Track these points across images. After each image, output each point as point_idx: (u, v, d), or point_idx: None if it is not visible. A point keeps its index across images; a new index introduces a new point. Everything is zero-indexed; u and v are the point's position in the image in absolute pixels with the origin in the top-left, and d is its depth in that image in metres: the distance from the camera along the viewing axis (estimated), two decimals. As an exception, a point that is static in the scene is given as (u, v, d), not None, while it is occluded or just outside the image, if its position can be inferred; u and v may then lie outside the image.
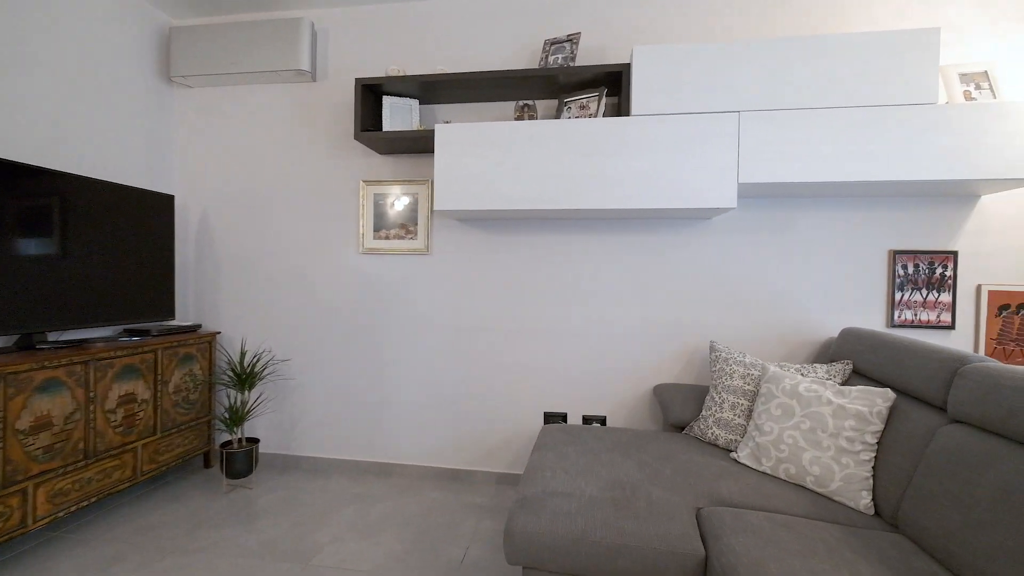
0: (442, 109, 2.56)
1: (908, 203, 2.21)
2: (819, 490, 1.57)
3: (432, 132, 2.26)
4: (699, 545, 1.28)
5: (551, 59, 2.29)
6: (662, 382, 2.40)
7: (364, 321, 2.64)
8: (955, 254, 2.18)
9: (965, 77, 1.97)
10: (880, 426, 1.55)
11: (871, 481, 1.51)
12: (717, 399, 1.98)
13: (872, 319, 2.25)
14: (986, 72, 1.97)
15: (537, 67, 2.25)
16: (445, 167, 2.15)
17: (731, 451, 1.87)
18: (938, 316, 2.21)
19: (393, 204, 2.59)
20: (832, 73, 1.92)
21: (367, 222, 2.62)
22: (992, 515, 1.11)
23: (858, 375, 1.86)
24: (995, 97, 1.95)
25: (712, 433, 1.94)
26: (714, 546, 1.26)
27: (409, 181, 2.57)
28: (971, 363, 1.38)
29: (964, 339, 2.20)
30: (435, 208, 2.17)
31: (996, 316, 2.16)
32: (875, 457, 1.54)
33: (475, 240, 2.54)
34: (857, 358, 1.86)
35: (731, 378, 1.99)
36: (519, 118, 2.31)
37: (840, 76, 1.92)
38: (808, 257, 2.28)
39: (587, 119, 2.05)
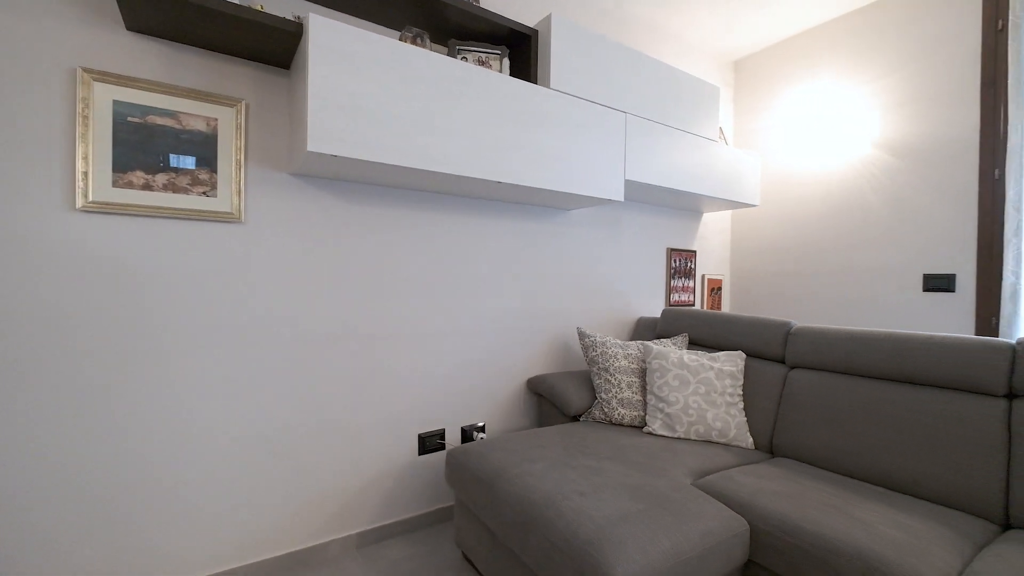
0: (269, -3, 1.63)
1: (676, 213, 2.95)
2: (722, 440, 1.90)
3: (284, 24, 1.40)
4: (742, 518, 1.33)
5: (444, -10, 1.82)
6: (533, 375, 2.33)
7: (89, 340, 1.38)
8: (695, 252, 3.07)
9: (720, 132, 2.80)
10: (742, 380, 2.02)
11: (747, 424, 1.95)
12: (613, 381, 2.08)
13: (660, 301, 2.89)
14: (721, 128, 2.86)
15: (429, -8, 1.74)
16: (329, 90, 1.38)
17: (639, 426, 2.01)
18: (688, 297, 3.05)
19: (165, 129, 1.46)
20: (675, 98, 2.34)
21: (98, 153, 1.37)
22: (855, 425, 1.64)
23: (693, 343, 2.36)
24: (728, 145, 2.86)
25: (618, 414, 2.03)
26: (750, 514, 1.34)
27: (203, 95, 1.51)
28: (794, 327, 1.99)
29: (696, 313, 3.12)
30: (311, 148, 1.36)
31: (710, 295, 3.18)
32: (743, 400, 2.00)
33: (322, 208, 1.75)
34: (692, 331, 2.35)
35: (616, 359, 2.13)
36: (408, 51, 1.73)
37: (674, 101, 2.36)
38: (627, 251, 2.71)
39: (521, 81, 1.75)
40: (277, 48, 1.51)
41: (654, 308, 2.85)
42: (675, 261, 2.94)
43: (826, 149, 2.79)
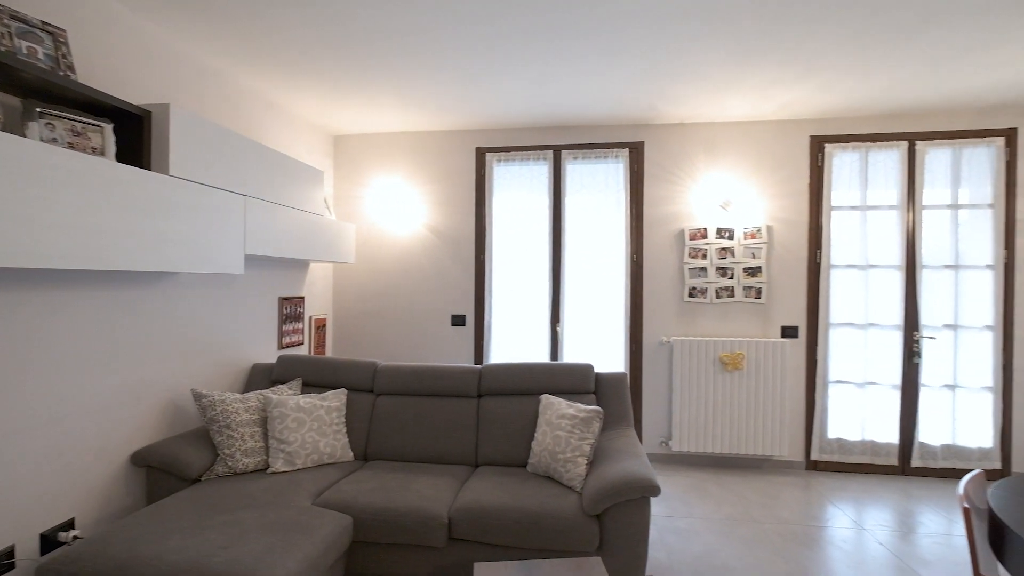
0: None
1: (287, 265, 3.35)
2: (332, 461, 2.51)
3: None
4: (348, 516, 1.97)
5: (18, 42, 1.58)
6: (139, 447, 2.23)
7: None
8: (303, 298, 3.56)
9: (324, 201, 3.37)
10: (346, 411, 2.70)
11: (349, 443, 2.64)
12: (236, 435, 2.33)
13: (273, 345, 3.21)
14: (326, 199, 3.46)
15: (-3, 45, 1.49)
16: None
17: (263, 469, 2.34)
18: (298, 337, 3.51)
19: None
20: (289, 181, 2.76)
21: None
22: (415, 428, 2.62)
23: (307, 385, 2.85)
24: (331, 215, 3.48)
25: (242, 464, 2.30)
26: (353, 510, 2.01)
27: None
28: (379, 365, 2.84)
29: (305, 349, 3.62)
30: None
31: (316, 332, 3.74)
32: (346, 426, 2.67)
33: None
34: (305, 375, 2.84)
35: (238, 415, 2.39)
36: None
37: (288, 184, 2.79)
38: (241, 304, 2.91)
39: (135, 168, 1.75)
40: None
41: (268, 352, 3.16)
42: (286, 308, 3.35)
43: (400, 223, 3.90)
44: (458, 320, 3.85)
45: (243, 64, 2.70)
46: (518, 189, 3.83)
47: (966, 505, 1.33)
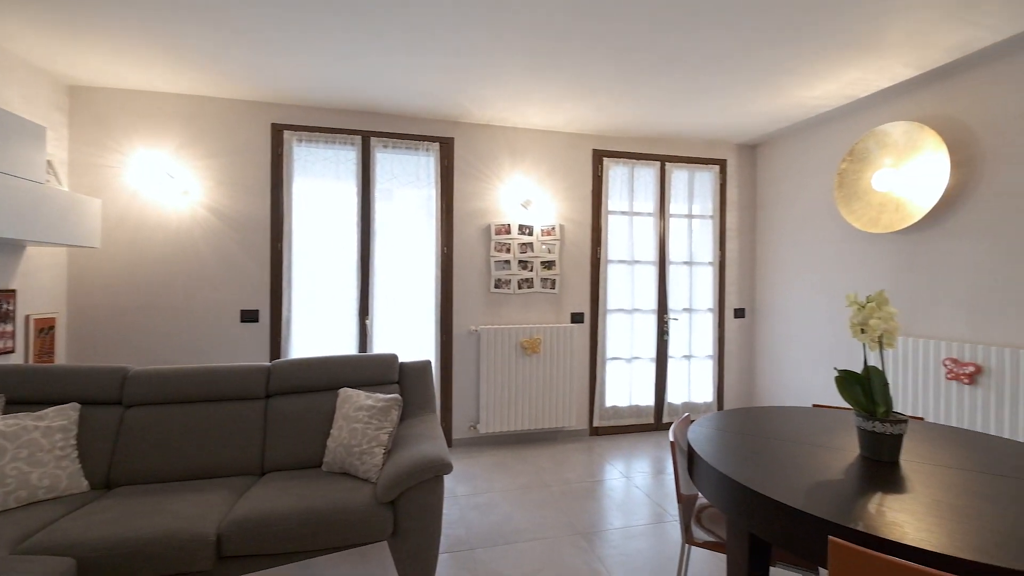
0: None
1: (-17, 248, 2.49)
2: (52, 495, 1.95)
3: None
4: (69, 558, 1.56)
5: None
6: None
7: None
8: (14, 292, 2.70)
9: (48, 165, 2.59)
10: (76, 430, 2.13)
11: (82, 469, 2.09)
12: None
13: (-43, 355, 2.36)
14: (50, 161, 2.68)
15: None
16: None
17: (-74, 522, 1.70)
18: (6, 344, 2.64)
19: None
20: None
21: None
22: (182, 441, 2.22)
23: (15, 403, 2.16)
24: (61, 184, 2.70)
25: None
26: (79, 551, 1.60)
27: None
28: (131, 371, 2.32)
29: (20, 358, 2.76)
30: None
31: (38, 337, 2.88)
32: (78, 449, 2.11)
33: None
34: (11, 391, 2.15)
35: None
36: None
37: (-22, 137, 2.08)
38: None
39: None
40: None
41: (-53, 364, 2.31)
42: (-17, 304, 2.50)
43: (171, 201, 3.26)
44: (250, 316, 3.41)
45: None
46: (323, 174, 3.56)
47: (672, 440, 1.71)
